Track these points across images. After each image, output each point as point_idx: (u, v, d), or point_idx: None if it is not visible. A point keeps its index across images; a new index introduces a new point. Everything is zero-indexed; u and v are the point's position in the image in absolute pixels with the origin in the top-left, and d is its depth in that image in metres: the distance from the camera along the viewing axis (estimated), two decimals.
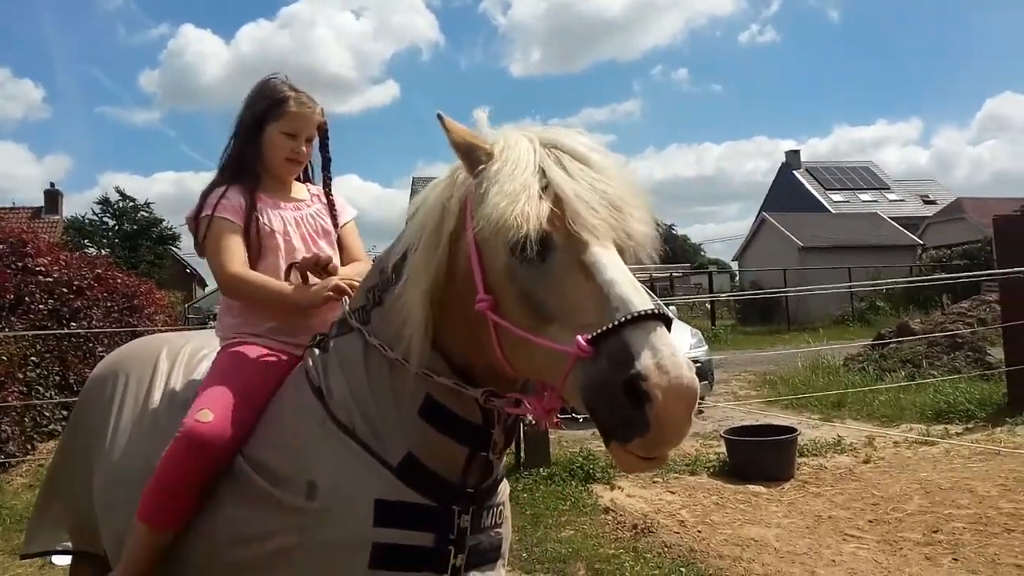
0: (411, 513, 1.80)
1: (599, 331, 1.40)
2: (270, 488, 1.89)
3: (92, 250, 29.07)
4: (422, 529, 1.80)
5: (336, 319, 2.08)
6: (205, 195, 2.39)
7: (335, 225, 2.52)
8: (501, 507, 2.04)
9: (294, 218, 2.43)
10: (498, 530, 2.02)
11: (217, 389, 2.10)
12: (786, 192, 46.01)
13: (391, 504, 1.79)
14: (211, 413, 2.01)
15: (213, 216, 2.33)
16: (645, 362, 1.34)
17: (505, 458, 2.01)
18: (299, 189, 2.55)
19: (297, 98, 2.41)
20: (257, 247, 2.34)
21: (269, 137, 2.41)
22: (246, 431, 2.02)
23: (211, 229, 2.34)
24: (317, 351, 2.03)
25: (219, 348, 2.36)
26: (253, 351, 2.25)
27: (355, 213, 2.62)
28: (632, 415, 1.34)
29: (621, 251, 1.58)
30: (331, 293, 2.16)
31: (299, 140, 2.43)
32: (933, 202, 44.28)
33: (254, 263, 2.33)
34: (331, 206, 2.55)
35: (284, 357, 2.26)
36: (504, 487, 2.07)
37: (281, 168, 2.46)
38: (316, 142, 2.51)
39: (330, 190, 2.58)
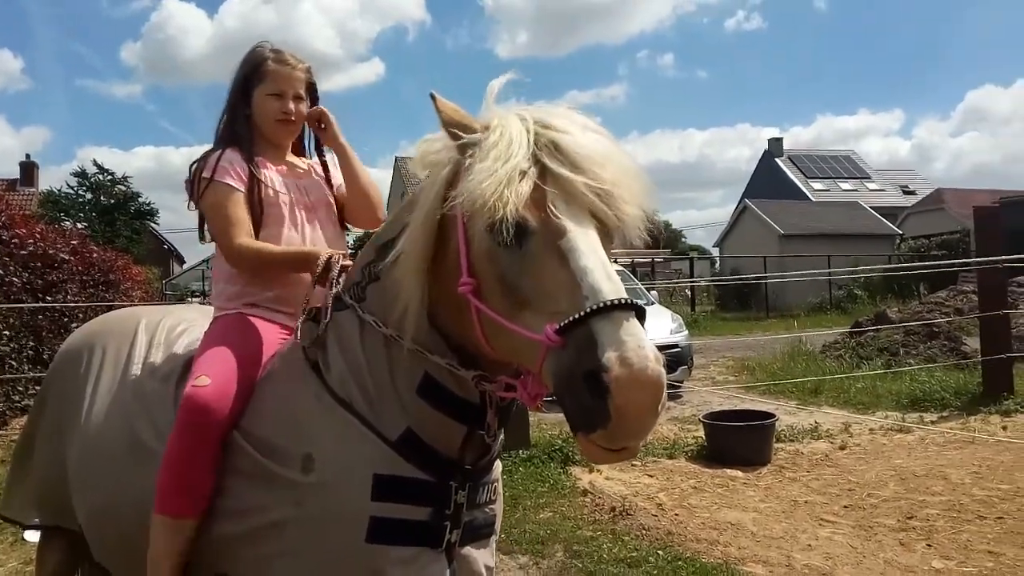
0: (409, 488, 1.78)
1: (567, 320, 1.38)
2: (264, 460, 1.87)
3: (68, 223, 28.61)
4: (419, 504, 1.79)
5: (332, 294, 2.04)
6: (204, 158, 2.32)
7: (331, 190, 2.47)
8: (496, 484, 2.04)
9: (296, 186, 2.38)
10: (492, 506, 2.02)
11: (212, 356, 2.06)
12: (768, 180, 46.19)
13: (389, 478, 1.77)
14: (208, 378, 1.97)
15: (213, 179, 2.25)
16: (609, 354, 1.32)
17: (501, 437, 1.99)
18: (296, 160, 2.50)
19: (276, 57, 2.36)
20: (260, 214, 2.27)
21: (257, 101, 2.36)
22: (243, 399, 1.99)
23: (212, 193, 2.26)
24: (313, 324, 1.99)
25: (209, 318, 2.31)
26: (248, 321, 2.21)
27: None
28: (594, 406, 1.32)
29: (608, 234, 1.55)
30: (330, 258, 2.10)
31: (285, 99, 2.36)
32: (913, 192, 44.70)
33: (256, 231, 2.26)
34: (325, 168, 2.50)
35: (279, 329, 2.22)
36: (498, 464, 2.06)
37: (274, 131, 2.40)
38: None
39: (323, 151, 2.53)
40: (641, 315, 1.41)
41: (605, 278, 1.42)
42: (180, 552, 1.94)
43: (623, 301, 1.38)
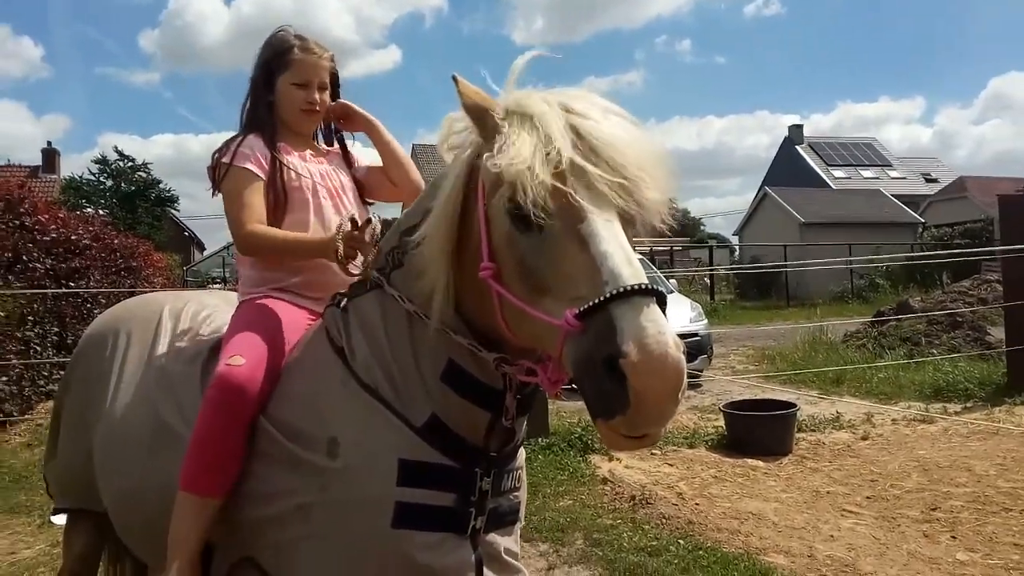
0: (434, 473, 1.77)
1: (587, 305, 1.36)
2: (290, 445, 1.87)
3: (89, 210, 28.87)
4: (444, 490, 1.78)
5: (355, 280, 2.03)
6: (227, 144, 2.32)
7: (354, 178, 2.48)
8: (520, 471, 2.03)
9: (319, 171, 2.36)
10: (516, 494, 2.01)
11: (244, 337, 2.05)
12: (788, 167, 45.77)
13: (415, 464, 1.76)
14: (242, 358, 1.97)
15: (232, 165, 2.25)
16: (628, 339, 1.30)
17: (525, 423, 1.97)
18: (317, 144, 2.50)
19: (302, 45, 2.35)
20: (284, 200, 2.26)
21: (281, 90, 2.35)
22: (272, 382, 1.99)
23: (229, 179, 2.25)
24: (337, 310, 1.99)
25: (235, 303, 2.31)
26: (276, 305, 2.20)
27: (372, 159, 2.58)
28: (613, 392, 1.31)
29: (630, 220, 1.53)
30: (348, 227, 2.04)
31: (311, 89, 2.35)
32: (935, 180, 44.16)
33: (280, 218, 2.26)
34: (344, 150, 2.50)
35: (307, 313, 2.21)
36: (522, 452, 2.05)
37: (298, 120, 2.39)
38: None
39: (344, 141, 2.53)
40: (662, 301, 1.39)
41: (625, 263, 1.41)
42: (203, 531, 1.94)
43: (643, 286, 1.36)
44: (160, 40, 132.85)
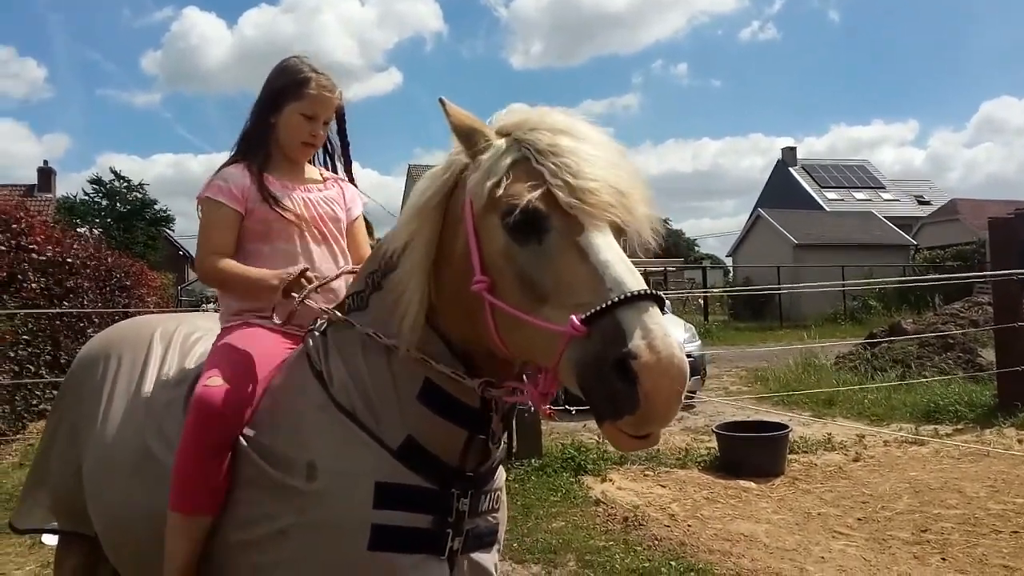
0: (411, 495, 1.80)
1: (593, 311, 1.42)
2: (269, 469, 1.89)
3: (84, 229, 28.90)
4: (421, 511, 1.81)
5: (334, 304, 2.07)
6: (217, 172, 2.38)
7: (347, 214, 2.51)
8: (499, 492, 2.05)
9: (303, 199, 2.39)
10: (495, 515, 2.03)
11: (223, 359, 2.09)
12: (781, 189, 46.05)
13: (391, 486, 1.79)
14: (219, 378, 2.00)
15: (207, 196, 2.32)
16: (637, 341, 1.36)
17: (503, 444, 2.00)
18: (311, 171, 2.52)
19: (318, 79, 2.38)
20: (266, 229, 2.31)
21: (287, 117, 2.38)
22: (253, 404, 2.01)
23: (203, 211, 2.34)
24: (317, 334, 2.02)
25: (220, 329, 2.34)
26: (256, 331, 2.23)
27: (365, 202, 2.63)
28: (623, 392, 1.36)
29: (622, 234, 1.61)
30: (291, 277, 2.14)
31: (317, 123, 2.40)
32: (928, 203, 44.45)
33: (263, 246, 2.32)
34: (344, 188, 2.54)
35: (287, 339, 2.24)
36: (501, 473, 2.08)
37: (296, 150, 2.43)
38: (333, 125, 2.49)
39: (351, 175, 2.58)
40: (662, 306, 1.46)
41: (627, 271, 1.48)
42: (193, 549, 1.95)
43: (646, 292, 1.43)
44: (162, 61, 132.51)
